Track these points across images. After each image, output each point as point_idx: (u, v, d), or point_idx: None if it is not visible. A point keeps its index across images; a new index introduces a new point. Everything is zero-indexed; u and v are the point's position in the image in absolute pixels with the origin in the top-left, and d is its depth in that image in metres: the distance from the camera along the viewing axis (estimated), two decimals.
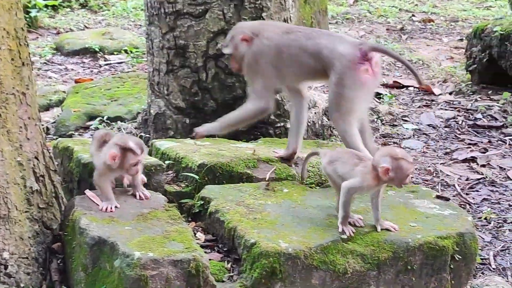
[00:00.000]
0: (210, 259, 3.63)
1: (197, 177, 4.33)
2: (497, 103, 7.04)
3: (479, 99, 7.23)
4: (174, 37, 5.46)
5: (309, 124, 5.81)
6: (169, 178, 4.50)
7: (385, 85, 7.74)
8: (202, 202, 4.07)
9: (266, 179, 4.40)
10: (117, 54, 8.95)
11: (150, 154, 4.87)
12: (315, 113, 5.91)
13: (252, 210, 3.89)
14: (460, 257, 3.86)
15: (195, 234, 3.84)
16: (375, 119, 6.69)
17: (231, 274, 3.62)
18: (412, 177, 3.70)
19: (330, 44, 4.34)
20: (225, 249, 3.80)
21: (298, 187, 4.30)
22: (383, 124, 6.66)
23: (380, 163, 3.64)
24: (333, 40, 4.39)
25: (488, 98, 7.23)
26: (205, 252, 3.69)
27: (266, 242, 3.56)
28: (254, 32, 4.56)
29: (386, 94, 7.33)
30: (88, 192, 3.93)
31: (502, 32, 7.04)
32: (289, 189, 4.19)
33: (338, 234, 3.71)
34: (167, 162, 4.57)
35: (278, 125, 5.60)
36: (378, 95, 7.31)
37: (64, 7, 11.01)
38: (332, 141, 6.03)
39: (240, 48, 4.57)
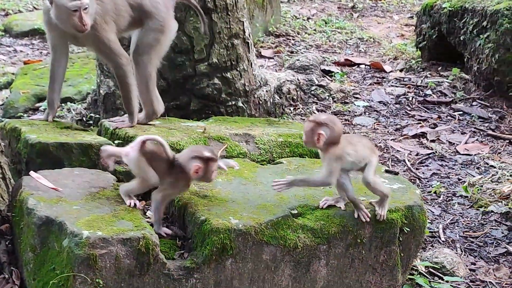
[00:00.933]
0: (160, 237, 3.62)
1: None
2: (447, 79, 7.12)
3: (429, 75, 7.30)
4: None
5: (260, 102, 5.82)
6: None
7: (337, 63, 7.77)
8: None
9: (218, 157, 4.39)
10: None
11: (99, 134, 4.82)
12: (266, 91, 5.91)
13: (202, 188, 3.87)
14: (408, 229, 3.90)
15: (145, 212, 3.82)
16: (327, 97, 6.71)
17: (182, 251, 3.60)
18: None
19: None
20: (173, 225, 3.78)
21: (249, 163, 4.30)
22: (334, 101, 6.69)
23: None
24: None
25: (438, 74, 7.30)
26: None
27: (216, 219, 3.55)
28: None
29: (338, 72, 7.36)
30: (33, 173, 3.87)
31: (450, 9, 7.09)
32: (240, 166, 4.18)
33: (288, 210, 3.72)
34: (116, 141, 4.52)
35: (230, 103, 5.59)
36: (329, 73, 7.34)
37: None
38: (284, 119, 6.05)
39: None
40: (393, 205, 3.87)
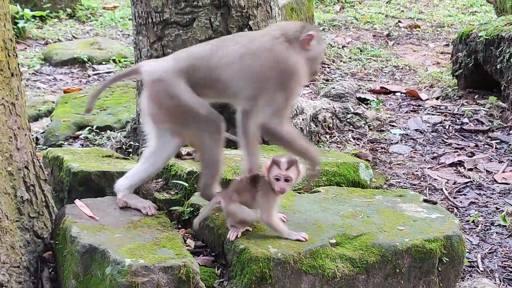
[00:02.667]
0: (200, 265, 3.67)
1: (186, 184, 4.37)
2: (483, 107, 7.11)
3: (465, 103, 7.30)
4: (162, 46, 5.49)
5: (297, 130, 5.86)
6: (158, 186, 4.53)
7: (372, 91, 7.80)
8: (191, 209, 4.10)
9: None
10: (105, 64, 8.99)
11: None
12: (302, 119, 5.96)
13: None
14: (447, 259, 3.90)
15: (185, 241, 3.87)
16: (363, 125, 6.74)
17: (221, 279, 3.65)
18: None
19: None
20: (213, 254, 3.82)
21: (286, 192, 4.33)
22: (370, 129, 6.71)
23: None
24: None
25: (475, 103, 7.29)
26: (196, 258, 3.73)
27: (255, 247, 3.59)
28: None
29: (374, 100, 7.38)
30: (77, 201, 3.95)
31: (487, 37, 7.10)
32: None
33: (327, 239, 3.75)
34: None
35: None
36: (365, 101, 7.37)
37: (51, 17, 11.04)
38: (320, 147, 6.09)
39: None
40: (432, 234, 3.88)
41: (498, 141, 6.52)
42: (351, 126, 6.74)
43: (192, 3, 5.39)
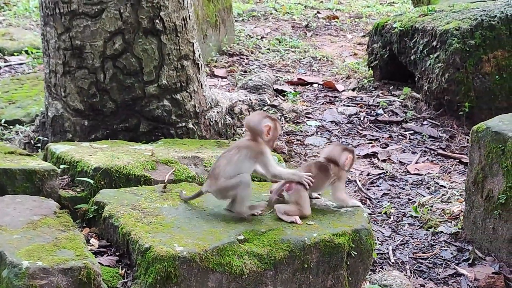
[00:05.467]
0: (104, 265, 3.55)
1: (92, 181, 4.24)
2: (398, 98, 7.17)
3: (380, 94, 7.34)
4: (70, 38, 5.33)
5: (211, 123, 5.78)
6: (64, 183, 4.38)
7: (290, 82, 7.78)
8: (96, 207, 3.98)
9: (165, 181, 4.34)
10: (17, 55, 8.71)
11: (45, 158, 4.75)
12: (217, 112, 5.88)
13: (147, 214, 3.82)
14: (356, 253, 3.88)
15: (88, 240, 3.75)
16: (279, 117, 6.70)
17: (125, 280, 3.54)
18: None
19: None
20: (117, 253, 3.72)
21: (196, 188, 4.25)
22: (287, 121, 6.68)
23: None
24: None
25: (390, 94, 7.35)
26: (99, 258, 3.61)
27: (160, 246, 3.49)
28: None
29: (291, 92, 7.36)
30: None
31: (401, 28, 7.15)
32: (187, 191, 4.13)
33: (235, 235, 3.68)
34: (62, 166, 4.45)
35: (180, 125, 5.54)
36: (282, 92, 7.34)
37: None
38: (235, 140, 6.02)
39: None
40: (340, 228, 3.86)
41: (412, 132, 6.58)
42: None
43: None
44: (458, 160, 6.08)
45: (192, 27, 5.64)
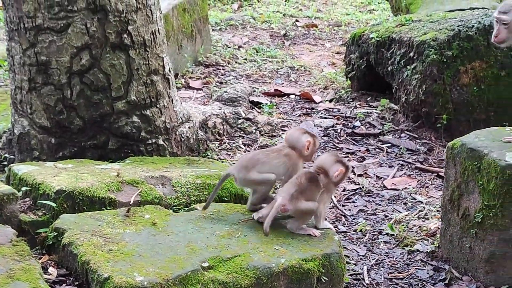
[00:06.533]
0: None
1: (54, 204, 4.09)
2: (376, 109, 7.04)
3: (358, 106, 7.22)
4: (35, 53, 5.18)
5: (182, 139, 5.64)
6: (25, 206, 4.23)
7: (267, 93, 7.64)
8: (55, 234, 3.83)
9: (131, 203, 4.20)
10: None
11: (8, 179, 4.60)
12: (189, 127, 5.73)
13: (108, 241, 3.67)
14: (326, 278, 3.77)
15: (47, 269, 3.60)
16: (254, 130, 6.57)
17: None
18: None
19: None
20: (77, 283, 3.57)
21: (161, 211, 4.11)
22: (262, 135, 6.54)
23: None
24: None
25: (367, 105, 7.22)
26: None
27: (120, 276, 3.36)
28: None
29: (267, 104, 7.22)
30: None
31: (378, 39, 7.03)
32: (151, 214, 4.00)
33: (199, 262, 3.54)
34: (24, 188, 4.30)
35: (150, 142, 5.40)
36: (258, 104, 7.20)
37: None
38: (208, 155, 5.88)
39: None
40: (309, 253, 3.74)
41: (389, 144, 6.46)
42: (242, 132, 6.56)
43: (66, 8, 5.11)
44: (436, 174, 5.96)
45: (162, 41, 5.50)
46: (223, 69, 8.46)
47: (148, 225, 3.88)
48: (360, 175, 5.94)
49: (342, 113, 7.07)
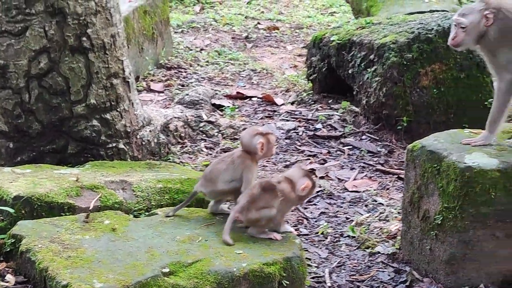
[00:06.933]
0: None
1: (12, 210, 4.03)
2: (337, 112, 7.07)
3: (320, 108, 7.24)
4: None
5: (143, 143, 5.61)
6: None
7: (229, 96, 7.62)
8: (13, 240, 3.77)
9: (90, 208, 4.16)
10: None
11: None
12: (150, 131, 5.70)
13: (67, 247, 3.63)
14: (288, 282, 3.76)
15: (4, 276, 3.54)
16: (216, 133, 6.55)
17: None
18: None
19: None
20: None
21: (121, 217, 4.07)
22: (224, 138, 6.53)
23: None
24: None
25: (329, 107, 7.24)
26: None
27: (78, 283, 3.32)
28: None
29: (229, 106, 7.21)
30: None
31: (339, 42, 7.06)
32: (111, 220, 3.96)
33: (159, 268, 3.52)
34: None
35: (110, 146, 5.35)
36: (221, 107, 7.18)
37: None
38: (169, 159, 5.85)
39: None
40: (271, 257, 3.74)
41: (350, 147, 6.48)
42: (204, 135, 6.54)
43: (24, 11, 5.05)
44: (396, 176, 5.99)
45: (122, 44, 5.46)
46: (185, 72, 8.43)
47: (107, 231, 3.84)
48: (321, 177, 5.95)
49: (303, 115, 7.08)
